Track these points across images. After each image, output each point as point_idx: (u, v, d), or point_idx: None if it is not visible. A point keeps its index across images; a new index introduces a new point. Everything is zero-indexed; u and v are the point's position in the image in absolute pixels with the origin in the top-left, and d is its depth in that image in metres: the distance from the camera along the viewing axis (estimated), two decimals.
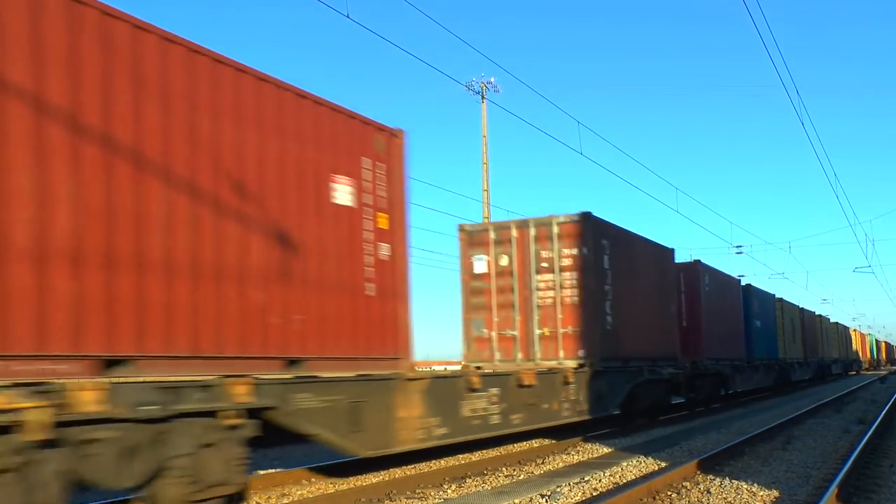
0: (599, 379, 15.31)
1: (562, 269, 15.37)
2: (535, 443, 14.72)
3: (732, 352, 26.08)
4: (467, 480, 10.44)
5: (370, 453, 9.42)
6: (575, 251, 15.34)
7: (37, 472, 5.79)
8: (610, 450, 13.51)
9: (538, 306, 15.51)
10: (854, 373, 69.89)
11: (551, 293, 15.39)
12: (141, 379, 6.71)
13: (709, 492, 9.02)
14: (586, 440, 14.91)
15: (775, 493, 8.95)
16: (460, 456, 12.92)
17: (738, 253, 40.48)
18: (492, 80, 30.85)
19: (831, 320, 54.00)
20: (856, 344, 71.71)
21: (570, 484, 9.71)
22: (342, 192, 9.30)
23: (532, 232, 15.65)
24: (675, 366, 19.71)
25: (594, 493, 9.17)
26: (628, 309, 16.69)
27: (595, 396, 15.13)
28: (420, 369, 13.70)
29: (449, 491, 9.68)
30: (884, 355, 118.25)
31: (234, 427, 7.42)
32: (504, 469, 11.43)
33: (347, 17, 11.01)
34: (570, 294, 15.32)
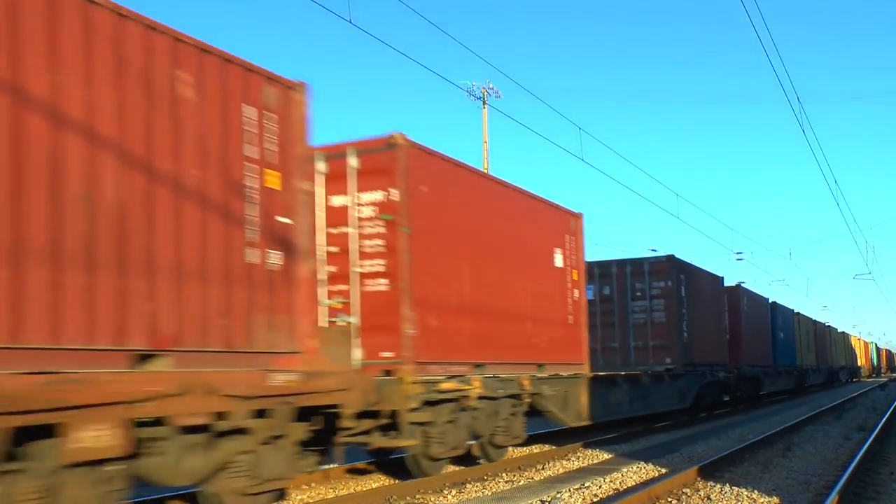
0: (681, 380, 20.67)
1: (651, 297, 20.55)
2: (536, 448, 14.71)
3: (763, 359, 31.15)
4: (467, 486, 10.43)
5: (574, 424, 14.75)
6: (661, 284, 20.58)
7: (458, 423, 11.03)
8: (610, 456, 13.50)
9: (633, 325, 20.58)
10: (855, 380, 69.89)
11: (643, 315, 20.53)
12: (492, 374, 11.87)
13: (709, 498, 9.01)
14: (586, 446, 14.91)
15: (776, 499, 8.94)
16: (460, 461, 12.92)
17: (738, 259, 40.59)
18: (493, 85, 30.88)
19: (838, 330, 57.27)
20: (857, 351, 72.21)
21: (570, 490, 9.70)
22: (558, 258, 14.55)
23: (628, 269, 20.80)
24: (726, 370, 24.84)
25: (594, 499, 9.16)
26: (696, 326, 21.73)
27: (679, 392, 20.59)
28: None
29: (449, 496, 9.67)
30: (884, 362, 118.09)
31: (522, 404, 12.76)
32: (504, 475, 11.42)
33: (350, 21, 11.04)
34: (658, 316, 20.47)
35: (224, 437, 6.91)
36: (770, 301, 34.43)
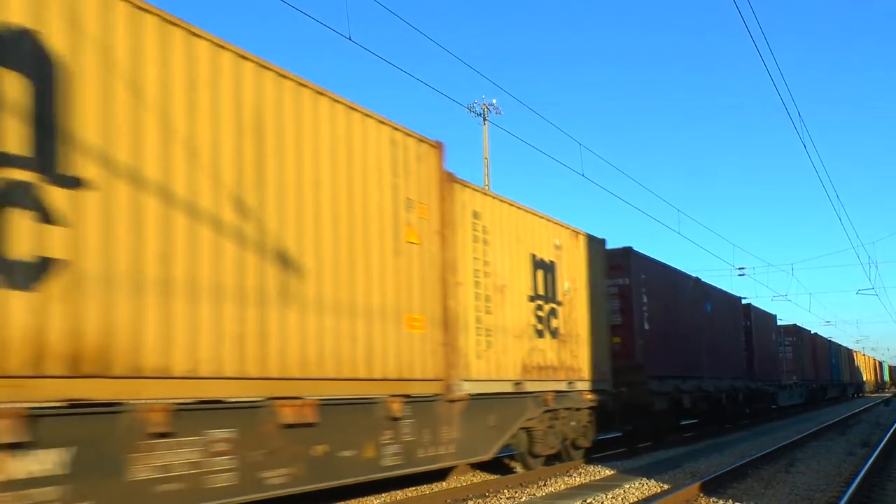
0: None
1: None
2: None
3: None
4: (468, 502, 10.37)
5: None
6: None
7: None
8: (612, 472, 13.43)
9: None
10: (859, 395, 69.87)
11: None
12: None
13: None
14: (589, 462, 14.83)
15: None
16: (462, 478, 12.84)
17: (740, 275, 40.50)
18: (493, 101, 31.03)
19: (845, 347, 61.30)
20: (861, 367, 72.76)
21: None
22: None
23: None
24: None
25: None
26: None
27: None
28: None
29: None
30: (888, 378, 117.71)
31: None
32: (506, 491, 11.35)
33: (349, 39, 11.10)
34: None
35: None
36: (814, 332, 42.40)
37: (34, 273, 5.51)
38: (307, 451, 7.81)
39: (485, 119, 30.61)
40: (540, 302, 12.89)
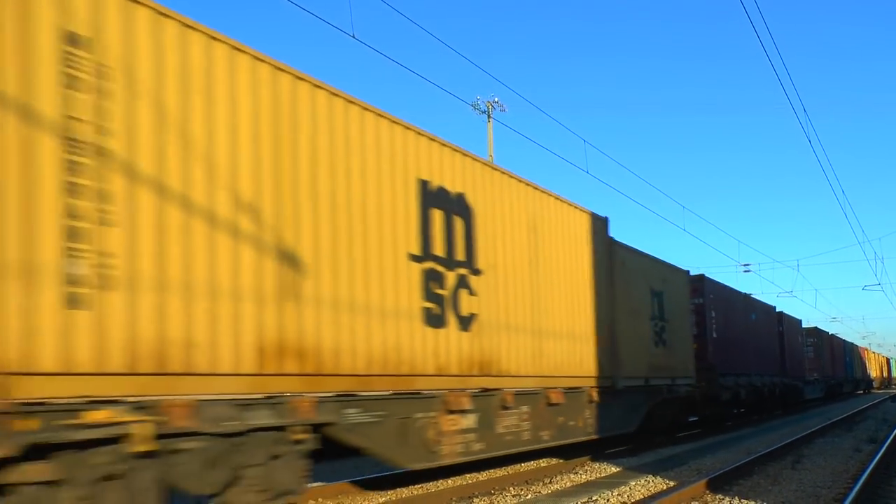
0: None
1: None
2: (543, 462, 14.63)
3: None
4: (474, 500, 10.37)
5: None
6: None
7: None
8: (618, 469, 13.41)
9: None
10: (866, 391, 69.92)
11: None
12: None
13: None
14: (594, 459, 14.82)
15: None
16: (468, 475, 12.85)
17: (745, 271, 40.42)
18: (497, 99, 30.92)
19: (856, 345, 64.97)
20: (868, 363, 73.24)
21: (577, 503, 9.63)
22: None
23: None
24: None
25: None
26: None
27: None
28: None
29: None
30: (895, 373, 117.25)
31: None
32: (511, 488, 11.35)
33: (353, 37, 11.09)
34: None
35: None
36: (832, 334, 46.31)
37: (468, 323, 10.20)
38: (556, 420, 12.57)
39: (489, 116, 30.55)
40: (657, 321, 17.50)
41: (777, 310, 32.92)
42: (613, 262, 15.26)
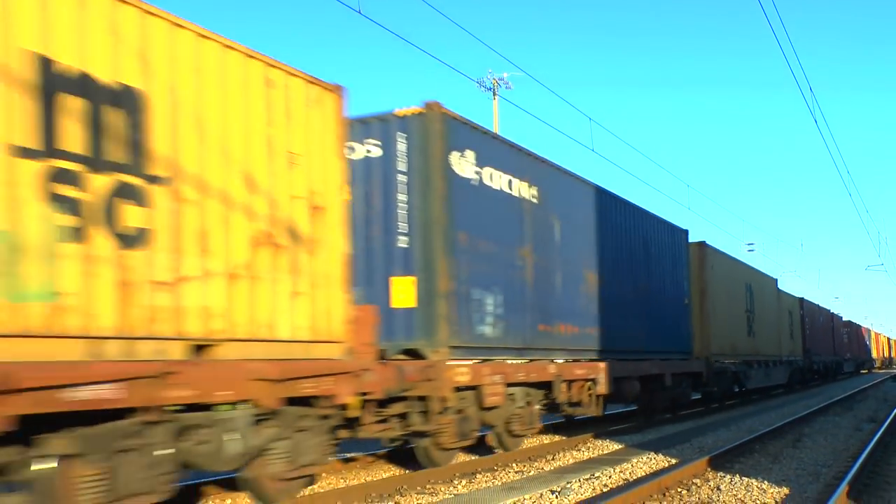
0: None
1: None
2: (546, 439, 14.76)
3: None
4: (477, 476, 10.48)
5: None
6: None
7: None
8: (620, 446, 13.53)
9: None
10: (865, 371, 70.38)
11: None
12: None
13: (719, 489, 9.03)
14: (597, 437, 14.94)
15: (785, 490, 8.95)
16: (471, 453, 12.97)
17: (749, 251, 40.54)
18: (504, 76, 30.74)
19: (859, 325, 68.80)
20: (871, 343, 75.20)
21: (580, 480, 9.74)
22: None
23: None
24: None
25: (604, 490, 9.20)
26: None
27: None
28: None
29: (459, 487, 9.73)
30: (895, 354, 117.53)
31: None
32: (514, 465, 11.47)
33: (359, 12, 11.05)
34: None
35: None
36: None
37: None
38: None
39: (495, 94, 30.41)
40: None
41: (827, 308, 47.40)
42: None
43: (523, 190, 12.49)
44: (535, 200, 12.74)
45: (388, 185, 10.59)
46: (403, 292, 10.47)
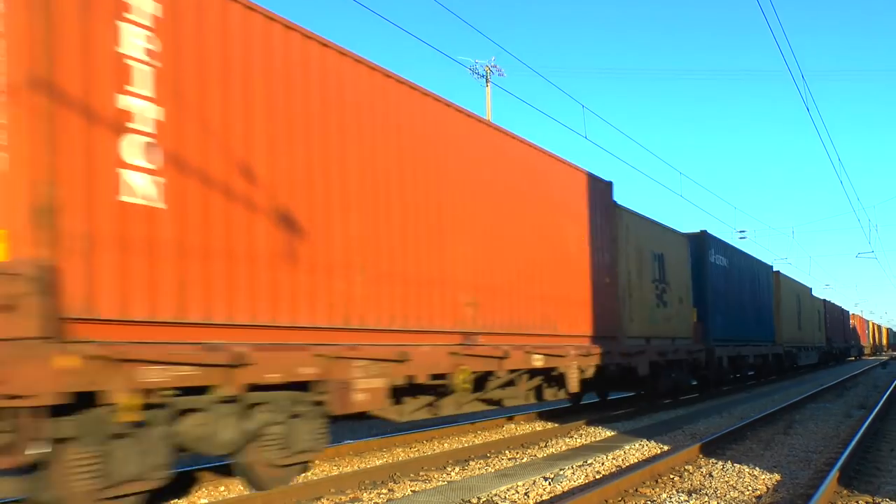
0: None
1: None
2: (539, 426, 14.80)
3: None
4: (470, 463, 10.51)
5: None
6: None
7: None
8: (613, 433, 13.58)
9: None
10: (853, 358, 71.11)
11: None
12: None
13: (711, 475, 9.08)
14: (589, 424, 14.99)
15: (777, 476, 9.00)
16: (464, 439, 13.00)
17: (741, 238, 40.66)
18: (496, 63, 30.67)
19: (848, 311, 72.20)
20: (860, 330, 77.30)
21: (572, 467, 9.78)
22: None
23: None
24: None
25: (597, 476, 9.24)
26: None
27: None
28: None
29: (452, 473, 9.75)
30: (885, 341, 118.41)
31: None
32: (507, 452, 11.50)
33: None
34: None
35: None
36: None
37: None
38: None
39: (487, 80, 30.34)
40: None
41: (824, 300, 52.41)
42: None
43: None
44: None
45: None
46: None
